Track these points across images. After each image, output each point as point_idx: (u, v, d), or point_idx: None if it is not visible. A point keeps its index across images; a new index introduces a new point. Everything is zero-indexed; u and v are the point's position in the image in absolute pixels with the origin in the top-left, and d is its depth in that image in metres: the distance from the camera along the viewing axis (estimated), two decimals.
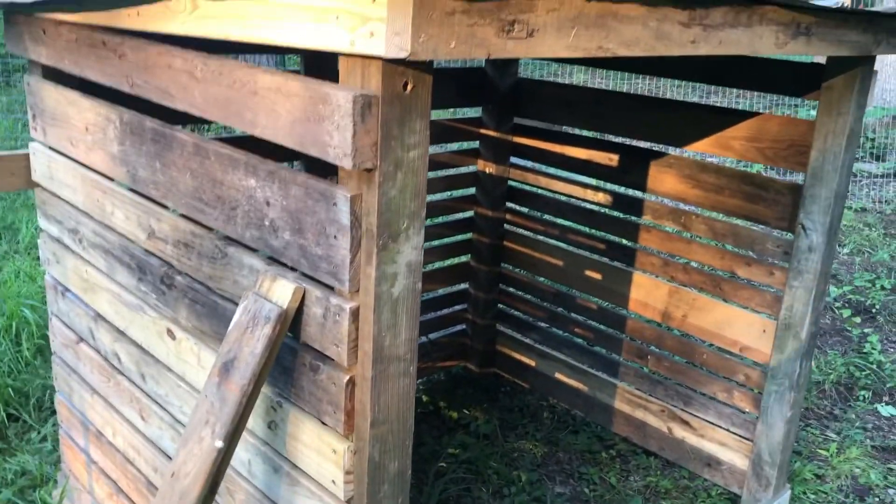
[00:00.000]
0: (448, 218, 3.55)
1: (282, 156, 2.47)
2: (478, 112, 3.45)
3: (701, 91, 10.43)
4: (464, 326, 3.75)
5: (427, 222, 3.46)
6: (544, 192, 3.42)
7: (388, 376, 1.39)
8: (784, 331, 2.63)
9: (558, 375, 3.48)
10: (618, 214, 3.19)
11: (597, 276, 3.26)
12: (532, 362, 3.59)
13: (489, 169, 3.46)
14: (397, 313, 1.36)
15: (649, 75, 3.12)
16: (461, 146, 3.50)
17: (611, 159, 3.12)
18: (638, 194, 3.23)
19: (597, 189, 3.23)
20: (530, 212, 3.51)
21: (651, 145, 5.19)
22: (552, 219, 3.44)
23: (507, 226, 3.57)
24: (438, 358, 3.67)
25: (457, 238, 3.58)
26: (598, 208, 3.26)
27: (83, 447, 2.44)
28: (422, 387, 3.63)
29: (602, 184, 3.27)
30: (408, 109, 1.26)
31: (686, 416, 3.03)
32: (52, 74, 2.13)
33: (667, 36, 1.52)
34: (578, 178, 3.31)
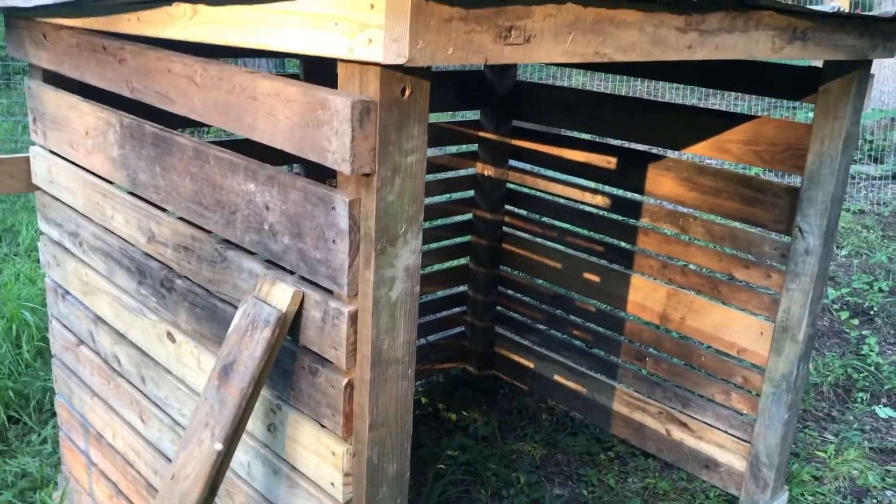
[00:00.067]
0: (447, 220, 3.56)
1: (280, 158, 2.48)
2: (476, 115, 3.46)
3: (700, 93, 10.46)
4: (463, 329, 3.76)
5: (426, 225, 3.47)
6: (543, 195, 3.43)
7: (386, 379, 1.40)
8: (781, 333, 2.64)
9: (557, 377, 3.49)
10: (616, 217, 3.20)
11: (595, 278, 3.27)
12: (531, 364, 3.60)
13: (488, 171, 3.48)
14: (395, 317, 1.37)
15: (647, 78, 3.14)
16: (460, 149, 3.50)
17: (609, 162, 3.13)
18: (636, 197, 3.24)
19: (595, 192, 3.24)
20: (529, 214, 3.52)
21: (649, 148, 5.20)
22: (551, 221, 3.45)
23: (506, 228, 3.58)
24: (437, 360, 3.68)
25: (456, 240, 3.59)
26: (596, 211, 3.27)
27: (83, 449, 2.45)
28: (421, 389, 3.64)
29: (600, 186, 3.28)
30: (406, 115, 1.27)
31: (684, 417, 3.04)
32: (52, 78, 2.15)
33: (663, 41, 1.53)
34: (577, 180, 3.32)
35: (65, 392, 2.49)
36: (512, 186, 3.52)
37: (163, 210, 1.84)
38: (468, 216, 3.58)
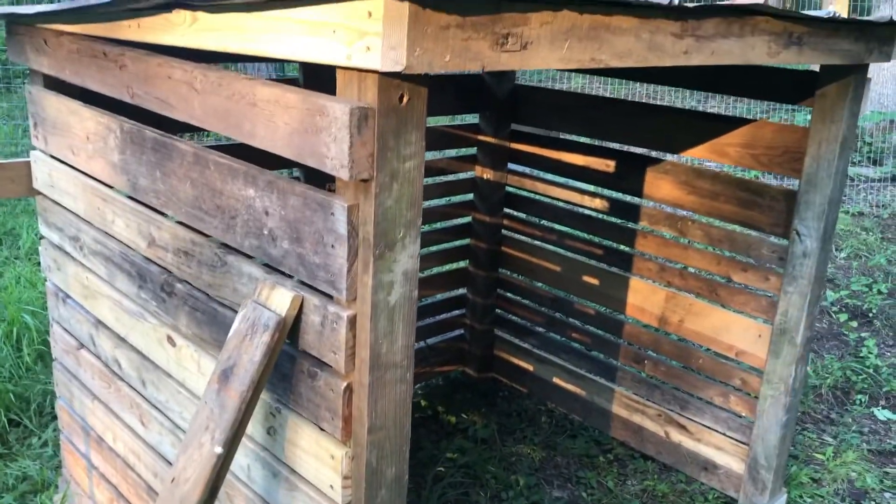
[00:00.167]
0: (446, 224, 3.57)
1: (279, 161, 2.49)
2: (476, 118, 3.48)
3: (699, 95, 10.47)
4: (462, 331, 3.76)
5: (425, 228, 3.48)
6: (542, 198, 3.44)
7: (384, 383, 1.41)
8: (779, 336, 2.65)
9: (556, 380, 3.50)
10: (615, 220, 3.21)
11: (594, 281, 3.28)
12: (530, 367, 3.61)
13: (487, 175, 3.49)
14: (394, 321, 1.39)
15: (645, 82, 3.15)
16: (459, 152, 3.52)
17: (607, 165, 3.15)
18: (635, 200, 3.25)
19: (594, 195, 3.26)
20: (528, 217, 3.53)
21: (648, 152, 5.22)
22: (550, 224, 3.46)
23: (505, 231, 3.59)
24: (437, 363, 3.69)
25: (455, 243, 3.60)
26: (595, 214, 3.28)
27: (84, 452, 2.46)
28: (420, 391, 3.65)
29: (599, 190, 3.29)
30: (404, 121, 1.28)
31: (683, 420, 3.05)
32: (53, 84, 2.16)
33: (659, 47, 1.54)
34: (576, 183, 3.33)
35: (65, 395, 2.50)
36: (511, 190, 3.53)
37: (163, 215, 1.85)
38: (467, 219, 3.60)
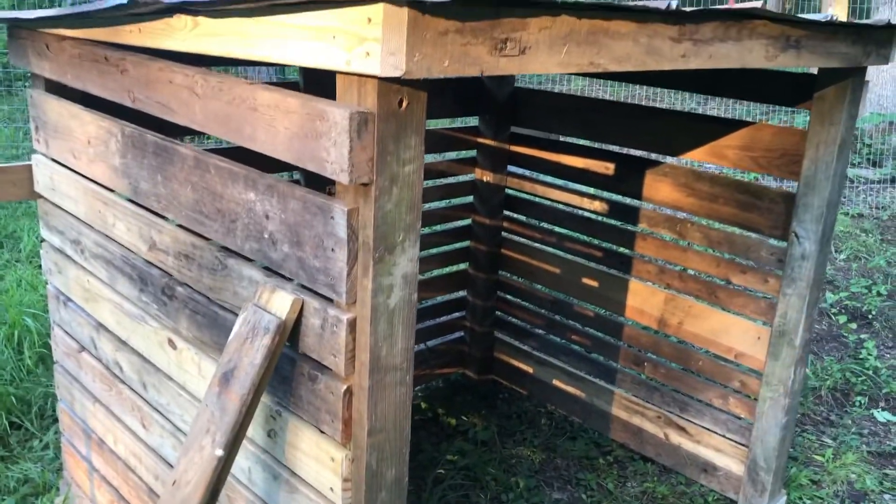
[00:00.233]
0: (446, 226, 3.58)
1: (279, 163, 2.50)
2: (475, 121, 3.49)
3: (699, 97, 10.47)
4: (462, 334, 3.77)
5: (425, 230, 3.49)
6: (541, 201, 3.45)
7: (384, 386, 1.42)
8: (778, 338, 2.66)
9: (556, 382, 3.51)
10: (614, 222, 3.22)
11: (594, 283, 3.29)
12: (530, 369, 3.61)
13: (487, 177, 3.50)
14: (393, 324, 1.39)
15: (644, 85, 3.16)
16: (459, 155, 3.53)
17: (607, 168, 3.15)
18: (634, 202, 3.26)
19: (593, 197, 3.26)
20: (528, 220, 3.54)
21: (647, 154, 5.23)
22: (549, 227, 3.47)
23: (505, 234, 3.60)
24: (437, 365, 3.70)
25: (455, 246, 3.61)
26: (594, 216, 3.29)
27: (85, 455, 2.46)
28: (420, 394, 3.66)
29: (599, 192, 3.30)
30: (403, 126, 1.29)
31: (682, 422, 3.06)
32: (54, 88, 2.17)
33: (657, 51, 1.55)
34: (575, 186, 3.34)
35: (67, 398, 2.50)
36: (511, 192, 3.54)
37: (164, 218, 1.86)
38: (467, 221, 3.60)
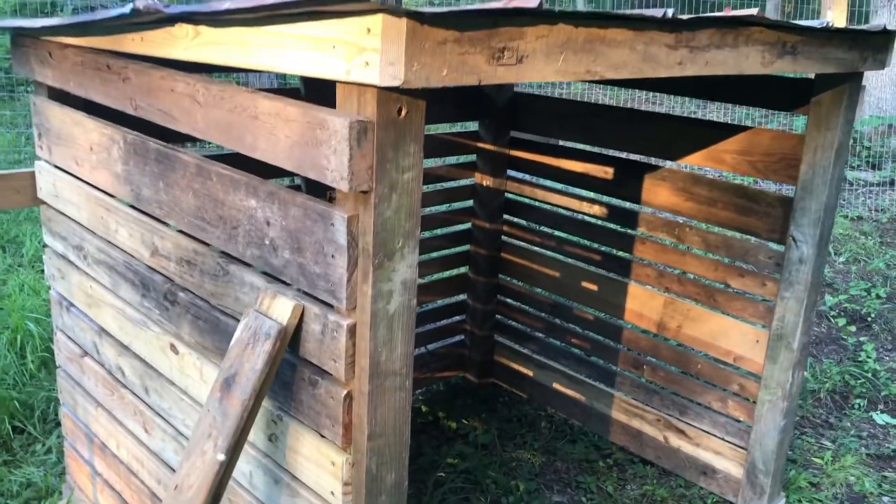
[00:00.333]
0: (446, 230, 3.60)
1: (279, 169, 2.52)
2: (475, 126, 3.50)
3: (698, 101, 10.49)
4: (462, 337, 3.79)
5: (426, 234, 3.50)
6: (541, 205, 3.47)
7: (384, 390, 1.44)
8: (776, 341, 2.67)
9: (556, 385, 3.52)
10: (613, 226, 3.23)
11: (593, 287, 3.30)
12: (530, 372, 3.63)
13: (486, 182, 3.51)
14: (393, 329, 1.41)
15: (643, 90, 3.18)
16: (459, 159, 3.54)
17: (606, 172, 3.17)
18: (633, 206, 3.27)
19: (593, 201, 3.28)
20: (527, 224, 3.55)
21: (647, 159, 5.25)
22: (549, 231, 3.48)
23: (505, 237, 3.61)
24: (437, 368, 3.71)
25: (455, 250, 3.63)
26: (594, 220, 3.31)
27: (88, 459, 2.48)
28: (421, 397, 3.67)
29: (598, 196, 3.31)
30: (402, 134, 1.31)
31: (682, 425, 3.07)
32: (57, 95, 2.18)
33: (653, 58, 1.57)
34: (574, 190, 3.36)
35: (69, 402, 2.52)
36: (510, 196, 3.56)
37: (166, 224, 1.88)
38: (467, 226, 3.62)
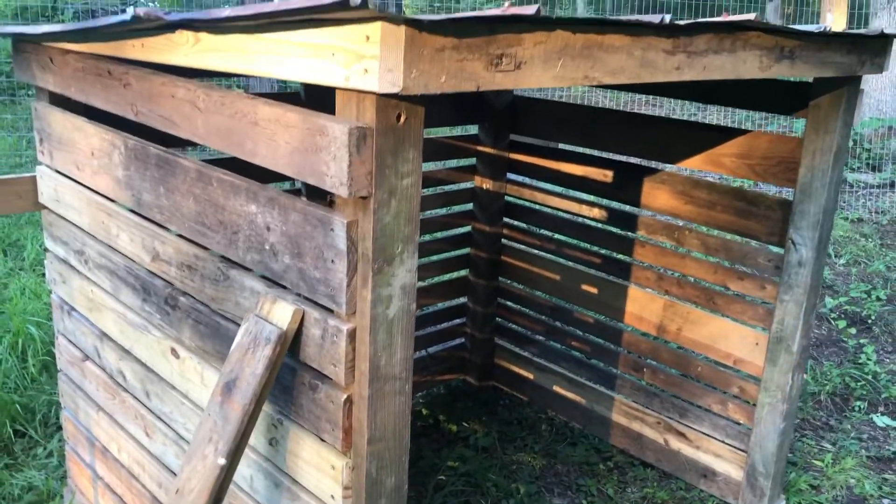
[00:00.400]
0: (446, 233, 3.61)
1: (280, 174, 2.53)
2: (475, 129, 3.51)
3: (698, 104, 10.50)
4: (462, 340, 3.79)
5: (425, 237, 3.51)
6: (541, 208, 3.48)
7: (384, 395, 1.44)
8: (776, 344, 2.68)
9: (556, 388, 3.53)
10: (613, 229, 3.24)
11: (593, 290, 3.31)
12: (530, 375, 3.63)
13: (486, 185, 3.52)
14: (392, 334, 1.42)
15: (642, 93, 3.20)
16: (459, 163, 3.55)
17: (606, 175, 3.18)
18: (633, 210, 3.28)
19: (592, 205, 3.29)
20: (527, 227, 3.56)
21: (647, 162, 5.26)
22: (549, 234, 3.49)
23: (505, 241, 3.62)
24: (437, 371, 3.72)
25: (455, 253, 3.63)
26: (593, 223, 3.31)
27: (89, 463, 2.48)
28: (421, 400, 3.68)
29: (597, 199, 3.32)
30: (401, 140, 1.32)
31: (682, 427, 3.08)
32: (58, 101, 2.19)
33: (651, 64, 1.57)
34: (574, 193, 3.37)
35: (71, 406, 2.53)
36: (510, 199, 3.56)
37: (166, 229, 1.89)
38: (467, 229, 3.63)
